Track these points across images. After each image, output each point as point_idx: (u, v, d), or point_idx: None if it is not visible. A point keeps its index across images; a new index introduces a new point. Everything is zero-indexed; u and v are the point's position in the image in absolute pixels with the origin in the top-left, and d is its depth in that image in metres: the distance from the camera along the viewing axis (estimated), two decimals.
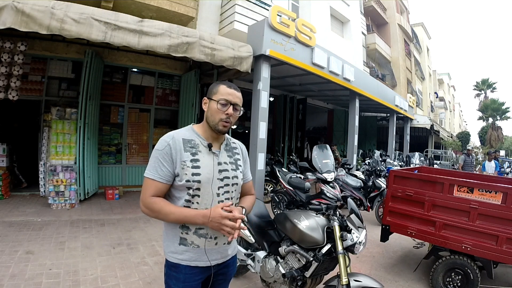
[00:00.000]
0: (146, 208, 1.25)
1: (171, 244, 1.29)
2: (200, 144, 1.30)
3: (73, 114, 5.35)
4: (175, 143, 1.25)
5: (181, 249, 1.27)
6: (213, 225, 1.20)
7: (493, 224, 2.62)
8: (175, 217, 1.22)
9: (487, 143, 21.15)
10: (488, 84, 26.78)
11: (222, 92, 1.29)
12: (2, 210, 4.50)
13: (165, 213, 1.22)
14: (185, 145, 1.27)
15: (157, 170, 1.24)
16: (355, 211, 2.15)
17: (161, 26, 4.24)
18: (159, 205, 1.23)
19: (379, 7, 17.17)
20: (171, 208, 1.23)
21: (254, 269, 2.59)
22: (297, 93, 10.35)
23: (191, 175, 1.23)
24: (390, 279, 3.21)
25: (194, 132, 1.33)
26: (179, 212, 1.23)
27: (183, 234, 1.27)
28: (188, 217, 1.22)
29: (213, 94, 1.31)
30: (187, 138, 1.29)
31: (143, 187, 1.27)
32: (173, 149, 1.24)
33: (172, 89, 7.40)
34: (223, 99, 1.28)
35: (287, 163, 8.77)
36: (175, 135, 1.28)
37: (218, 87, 1.31)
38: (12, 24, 3.34)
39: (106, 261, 3.13)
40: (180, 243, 1.27)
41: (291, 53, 5.76)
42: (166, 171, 1.24)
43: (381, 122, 14.88)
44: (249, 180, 1.54)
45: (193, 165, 1.25)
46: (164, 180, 1.24)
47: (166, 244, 1.32)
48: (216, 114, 1.28)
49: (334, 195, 4.55)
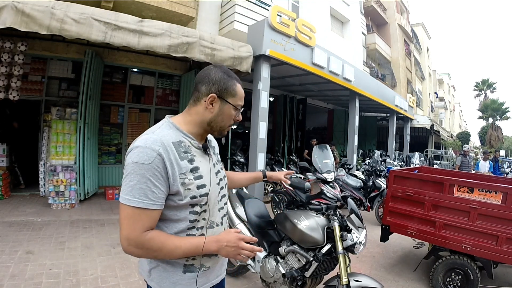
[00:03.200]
0: (138, 249, 0.91)
1: (169, 275, 1.00)
2: (191, 145, 1.00)
3: (73, 114, 5.35)
4: (168, 151, 0.90)
5: (188, 277, 1.01)
6: (228, 251, 0.98)
7: (493, 224, 2.62)
8: (183, 251, 0.94)
9: (487, 143, 21.17)
10: (488, 84, 26.83)
11: (240, 95, 1.04)
12: (2, 210, 4.50)
13: (169, 250, 0.92)
14: (178, 150, 0.94)
15: (147, 194, 0.87)
16: (355, 211, 2.15)
17: (161, 26, 4.24)
18: (158, 241, 0.91)
19: (379, 7, 17.19)
20: (175, 241, 0.93)
21: (254, 269, 2.59)
22: (297, 93, 10.35)
23: (196, 189, 0.96)
24: (390, 279, 3.21)
25: (178, 130, 0.99)
26: (188, 244, 0.94)
27: (189, 261, 1.01)
28: (198, 250, 0.95)
29: (229, 95, 1.01)
30: (175, 140, 0.95)
31: (126, 221, 0.89)
32: (167, 160, 0.89)
33: (172, 89, 7.40)
34: (241, 105, 1.05)
35: (287, 163, 8.78)
36: (163, 140, 0.91)
37: (236, 87, 1.03)
38: (12, 24, 3.34)
39: (106, 261, 3.13)
40: (186, 271, 1.01)
41: (291, 53, 5.76)
42: (160, 192, 0.89)
43: (381, 122, 14.89)
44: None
45: (195, 175, 0.96)
46: (157, 205, 0.90)
47: (160, 276, 1.01)
48: (228, 120, 1.04)
49: (334, 195, 4.55)
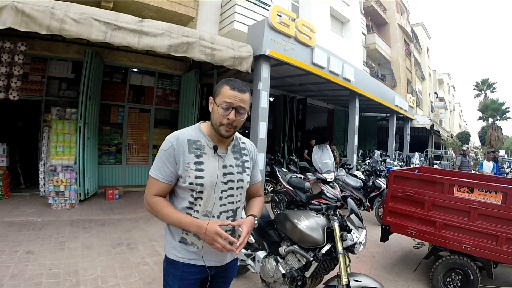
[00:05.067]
0: (148, 205, 1.27)
1: (171, 240, 1.29)
2: (206, 145, 1.25)
3: (73, 114, 5.34)
4: (179, 144, 1.22)
5: (181, 246, 1.27)
6: (206, 238, 1.17)
7: (493, 224, 2.62)
8: (171, 220, 1.22)
9: (487, 143, 21.16)
10: (488, 84, 26.79)
11: (224, 94, 1.19)
12: (2, 210, 4.50)
13: (163, 214, 1.23)
14: (190, 146, 1.23)
15: (160, 170, 1.23)
16: (355, 211, 2.15)
17: (161, 26, 4.24)
18: (159, 205, 1.23)
19: (379, 7, 17.17)
20: (169, 211, 1.23)
21: (254, 269, 2.59)
22: (297, 93, 10.34)
23: (194, 178, 1.20)
24: (390, 279, 3.21)
25: (200, 132, 1.28)
26: (176, 217, 1.21)
27: (183, 234, 1.27)
28: (182, 224, 1.21)
29: (216, 96, 1.22)
30: (192, 138, 1.25)
31: (147, 185, 1.27)
32: (177, 150, 1.21)
33: (172, 89, 7.40)
34: (225, 102, 1.18)
35: (287, 163, 8.78)
36: (180, 135, 1.24)
37: (222, 88, 1.21)
38: (12, 24, 3.34)
39: (106, 261, 3.13)
40: (181, 241, 1.27)
41: (291, 53, 5.76)
42: (169, 171, 1.22)
43: (381, 122, 14.88)
44: (257, 182, 1.47)
45: (197, 167, 1.21)
46: (166, 180, 1.23)
47: (167, 239, 1.32)
48: (217, 119, 1.21)
49: (334, 195, 4.55)
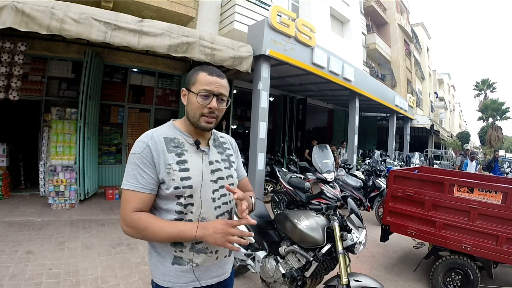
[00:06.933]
0: (128, 227, 1.01)
1: (160, 264, 1.06)
2: (185, 142, 1.10)
3: (73, 114, 5.35)
4: (156, 143, 1.03)
5: (175, 269, 1.05)
6: (215, 238, 0.97)
7: (493, 224, 2.62)
8: (166, 233, 0.99)
9: (487, 143, 21.15)
10: (488, 84, 26.78)
11: (202, 81, 1.06)
12: (2, 210, 4.50)
13: (154, 230, 0.99)
14: (168, 144, 1.05)
15: (137, 179, 1.01)
16: (355, 211, 2.15)
17: (161, 26, 4.24)
18: (144, 221, 0.99)
19: (379, 7, 17.17)
20: (161, 223, 1.00)
21: (254, 269, 2.59)
22: (297, 93, 10.35)
23: (180, 180, 1.02)
24: (390, 279, 3.21)
25: (176, 128, 1.12)
26: (172, 226, 1.00)
27: (177, 252, 1.05)
28: (183, 231, 0.99)
29: (191, 84, 1.08)
30: (169, 136, 1.08)
31: (122, 202, 1.03)
32: (154, 150, 1.02)
33: (172, 89, 7.40)
34: (204, 89, 1.05)
35: (287, 163, 8.77)
36: (154, 134, 1.06)
37: (197, 75, 1.07)
38: (12, 24, 3.34)
39: (106, 261, 3.13)
40: (174, 263, 1.05)
41: (291, 53, 5.76)
42: (149, 178, 1.01)
43: (381, 122, 14.89)
44: (244, 177, 1.35)
45: (181, 167, 1.04)
46: (147, 189, 1.01)
47: (154, 263, 1.08)
48: (196, 109, 1.06)
49: (334, 195, 4.55)
